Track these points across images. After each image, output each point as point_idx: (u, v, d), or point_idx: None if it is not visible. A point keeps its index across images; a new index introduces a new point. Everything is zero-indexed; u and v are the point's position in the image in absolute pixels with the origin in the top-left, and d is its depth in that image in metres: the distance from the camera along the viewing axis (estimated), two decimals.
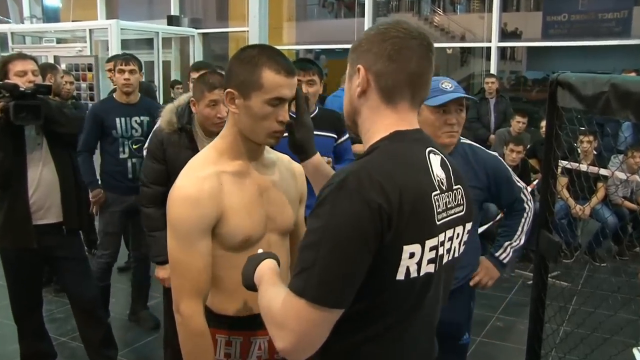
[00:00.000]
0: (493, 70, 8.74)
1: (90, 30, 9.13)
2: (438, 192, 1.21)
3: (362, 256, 1.10)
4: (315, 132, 1.64)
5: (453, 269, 1.34)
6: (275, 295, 1.20)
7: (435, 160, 1.25)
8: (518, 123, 6.56)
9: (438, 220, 1.20)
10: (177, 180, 1.56)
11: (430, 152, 1.25)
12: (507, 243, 2.43)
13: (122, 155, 3.90)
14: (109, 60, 5.49)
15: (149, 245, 2.95)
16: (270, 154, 1.74)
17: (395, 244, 1.12)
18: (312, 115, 2.99)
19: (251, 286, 1.39)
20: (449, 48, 10.64)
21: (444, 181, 1.24)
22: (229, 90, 1.54)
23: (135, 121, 3.91)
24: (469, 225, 1.34)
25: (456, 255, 1.30)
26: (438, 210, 1.20)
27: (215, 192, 1.54)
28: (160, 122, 2.90)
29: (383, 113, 1.25)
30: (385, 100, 1.24)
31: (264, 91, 1.50)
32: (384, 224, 1.10)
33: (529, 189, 5.26)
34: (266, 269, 1.36)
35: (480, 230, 4.27)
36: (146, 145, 3.43)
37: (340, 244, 1.09)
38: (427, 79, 1.26)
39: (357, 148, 3.46)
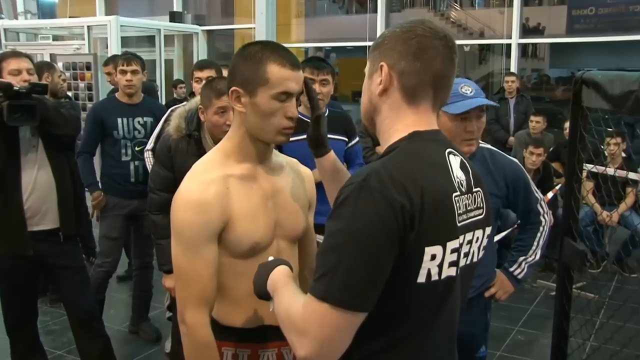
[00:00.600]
0: (513, 69, 8.73)
1: (88, 26, 9.20)
2: (458, 193, 1.24)
3: (385, 257, 1.13)
4: None
5: (471, 273, 1.36)
6: (293, 301, 1.22)
7: (455, 162, 1.28)
8: (532, 123, 6.60)
9: (459, 222, 1.23)
10: (182, 185, 1.57)
11: (450, 153, 1.28)
12: (522, 258, 2.44)
13: (124, 158, 3.90)
14: (106, 62, 5.48)
15: (157, 253, 2.97)
16: (279, 157, 1.76)
17: (417, 245, 1.15)
18: None
19: (264, 295, 1.39)
20: (467, 45, 10.57)
21: (464, 183, 1.27)
22: (234, 88, 1.57)
23: (138, 122, 3.91)
24: (488, 230, 1.36)
25: (475, 260, 1.33)
26: (459, 212, 1.23)
27: (221, 196, 1.55)
28: (168, 127, 2.93)
29: (404, 113, 1.28)
30: (408, 99, 1.27)
31: (270, 86, 1.52)
32: (406, 224, 1.13)
33: (551, 193, 5.36)
34: (280, 275, 1.37)
35: (499, 237, 4.29)
36: (148, 147, 3.55)
37: (364, 245, 1.11)
38: (450, 81, 1.30)
39: (380, 149, 3.47)
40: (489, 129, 6.93)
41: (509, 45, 9.07)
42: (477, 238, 1.31)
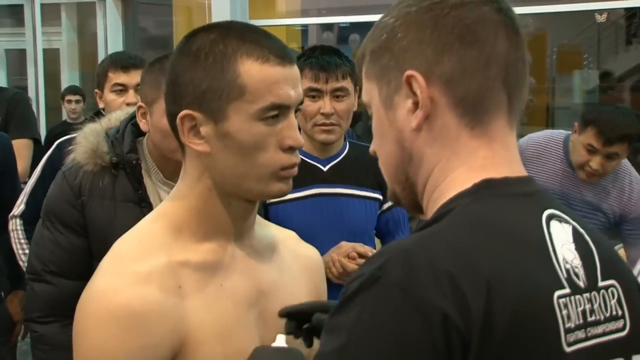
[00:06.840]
0: None
1: None
2: (567, 291, 1.28)
3: None
4: (345, 190, 2.42)
5: None
6: None
7: (560, 233, 1.34)
8: None
9: (568, 345, 1.25)
10: (98, 279, 1.68)
11: (551, 217, 1.35)
12: None
13: None
14: None
15: None
16: (265, 228, 1.94)
17: None
18: (339, 158, 3.39)
19: None
20: (601, 12, 10.36)
21: (580, 271, 1.33)
22: (185, 112, 1.66)
23: None
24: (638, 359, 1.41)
25: None
26: (568, 326, 1.26)
27: (170, 302, 1.66)
28: (74, 155, 3.00)
29: (466, 146, 1.36)
30: (469, 120, 1.35)
31: (248, 98, 1.64)
32: (453, 347, 1.16)
33: None
34: None
35: None
36: (15, 212, 3.76)
37: None
38: (524, 69, 1.40)
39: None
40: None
41: None
42: None
